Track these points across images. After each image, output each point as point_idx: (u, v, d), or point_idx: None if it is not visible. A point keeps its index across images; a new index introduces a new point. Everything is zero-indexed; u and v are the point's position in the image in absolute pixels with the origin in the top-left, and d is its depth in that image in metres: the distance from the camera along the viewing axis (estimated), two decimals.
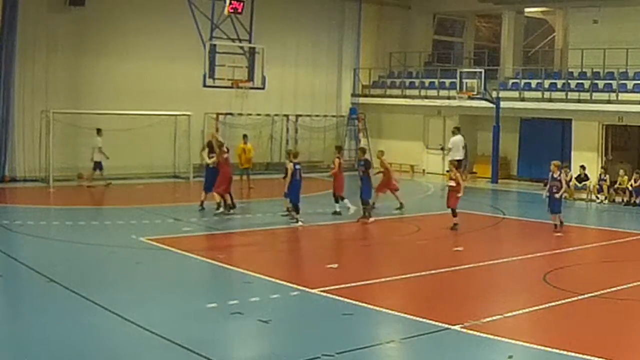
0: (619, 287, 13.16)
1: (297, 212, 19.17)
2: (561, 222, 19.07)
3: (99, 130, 26.02)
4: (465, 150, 29.06)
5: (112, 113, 26.64)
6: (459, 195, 18.90)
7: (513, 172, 31.42)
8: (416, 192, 27.51)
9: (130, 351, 9.78)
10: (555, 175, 18.87)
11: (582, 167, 26.54)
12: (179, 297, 12.45)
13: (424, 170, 32.09)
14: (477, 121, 32.73)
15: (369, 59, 35.97)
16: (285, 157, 21.61)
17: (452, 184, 19.13)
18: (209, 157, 20.62)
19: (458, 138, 29.05)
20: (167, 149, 28.64)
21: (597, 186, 25.93)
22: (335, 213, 20.56)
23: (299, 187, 19.29)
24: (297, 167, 19.27)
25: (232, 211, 20.34)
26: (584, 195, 26.14)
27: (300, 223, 18.96)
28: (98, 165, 26.04)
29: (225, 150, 20.70)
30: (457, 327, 10.59)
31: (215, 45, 24.09)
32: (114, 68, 28.14)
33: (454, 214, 18.99)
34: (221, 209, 20.17)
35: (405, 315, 11.29)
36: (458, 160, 28.22)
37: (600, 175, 26.11)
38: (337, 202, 20.69)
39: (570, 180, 26.42)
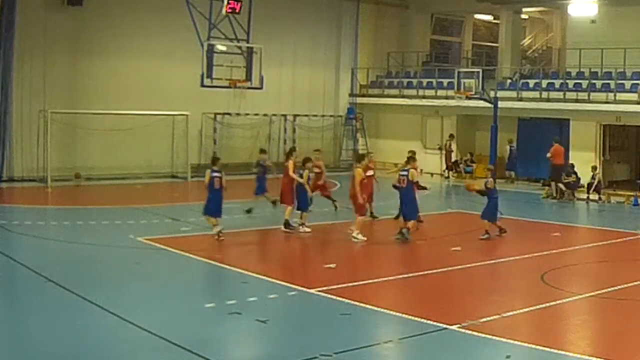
0: (616, 287, 13.17)
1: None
2: (407, 231, 16.17)
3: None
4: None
5: (110, 113, 26.66)
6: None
7: (513, 172, 31.40)
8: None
9: (128, 351, 9.78)
10: (403, 172, 16.58)
11: (594, 168, 26.18)
12: (177, 297, 12.45)
13: (421, 170, 32.04)
14: (475, 121, 32.76)
15: (366, 59, 35.98)
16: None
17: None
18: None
19: None
20: (165, 148, 28.64)
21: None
22: None
23: (218, 198, 16.96)
24: (215, 174, 16.89)
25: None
26: (584, 196, 26.04)
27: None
28: None
29: None
30: (455, 327, 10.59)
31: (213, 45, 24.06)
32: (111, 68, 28.12)
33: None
34: None
35: (403, 315, 11.29)
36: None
37: (592, 175, 25.97)
38: None
39: (567, 181, 26.24)
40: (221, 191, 17.03)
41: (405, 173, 17.11)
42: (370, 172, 19.41)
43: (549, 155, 26.16)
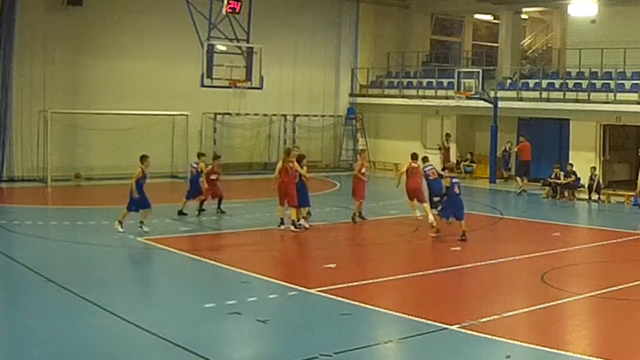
0: (616, 287, 13.16)
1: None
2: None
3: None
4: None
5: (110, 113, 26.67)
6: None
7: (511, 172, 31.43)
8: None
9: (128, 351, 9.77)
10: (428, 167, 19.27)
11: (593, 168, 26.21)
12: (176, 297, 12.45)
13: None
14: (475, 121, 32.78)
15: (366, 59, 35.99)
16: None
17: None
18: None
19: None
20: (165, 148, 28.64)
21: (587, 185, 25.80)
22: None
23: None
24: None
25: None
26: (584, 196, 25.98)
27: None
28: None
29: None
30: (455, 327, 10.59)
31: (213, 45, 24.06)
32: (111, 68, 28.15)
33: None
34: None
35: (403, 315, 11.29)
36: None
37: (591, 175, 25.92)
38: None
39: (559, 179, 26.05)
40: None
41: (431, 167, 19.06)
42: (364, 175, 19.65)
43: (515, 149, 28.17)
